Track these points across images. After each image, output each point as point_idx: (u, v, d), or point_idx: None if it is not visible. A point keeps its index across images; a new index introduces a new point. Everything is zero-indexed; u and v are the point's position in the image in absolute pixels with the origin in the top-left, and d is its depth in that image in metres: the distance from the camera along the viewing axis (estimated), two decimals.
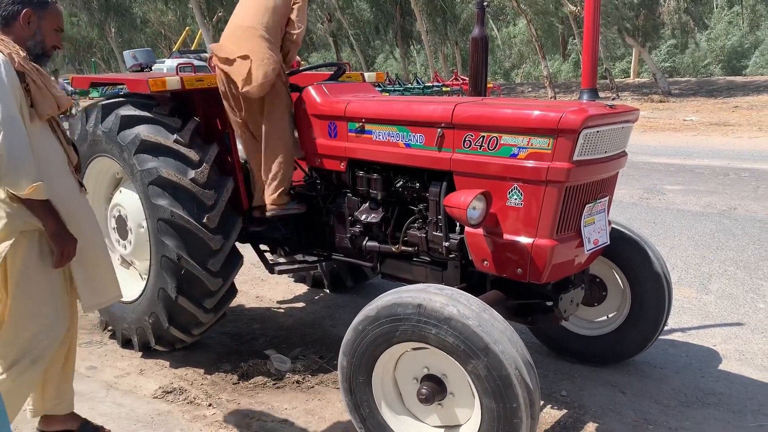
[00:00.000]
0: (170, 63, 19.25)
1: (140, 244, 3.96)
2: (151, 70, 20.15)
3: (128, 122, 3.77)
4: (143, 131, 3.70)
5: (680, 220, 7.16)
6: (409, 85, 24.00)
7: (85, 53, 52.76)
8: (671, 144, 13.12)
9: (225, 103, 3.72)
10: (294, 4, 3.63)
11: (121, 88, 4.27)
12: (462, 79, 23.02)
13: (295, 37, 3.65)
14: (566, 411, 3.36)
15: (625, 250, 3.57)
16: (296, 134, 3.81)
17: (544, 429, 3.21)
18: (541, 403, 3.38)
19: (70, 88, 13.87)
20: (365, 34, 38.97)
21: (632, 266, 3.58)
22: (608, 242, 3.18)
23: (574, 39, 32.26)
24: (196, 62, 18.41)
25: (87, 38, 51.08)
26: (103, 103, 3.99)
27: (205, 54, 21.22)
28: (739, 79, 28.28)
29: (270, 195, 3.73)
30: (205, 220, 3.58)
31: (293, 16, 3.63)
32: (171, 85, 3.76)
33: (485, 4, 3.73)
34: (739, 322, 4.47)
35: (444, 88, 22.82)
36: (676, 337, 4.25)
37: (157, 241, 3.63)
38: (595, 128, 2.76)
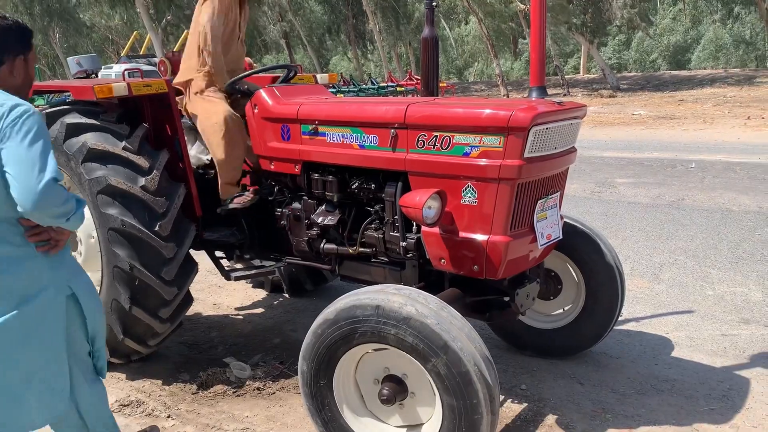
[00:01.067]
0: (118, 68, 18.84)
1: (91, 255, 3.86)
2: (96, 76, 19.67)
3: (74, 130, 3.67)
4: (90, 139, 3.60)
5: (631, 212, 7.35)
6: (364, 86, 24.05)
7: None
8: (621, 138, 13.45)
9: None
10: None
11: (67, 96, 4.15)
12: (416, 78, 23.18)
13: (198, 37, 3.78)
14: (526, 405, 3.41)
15: (578, 243, 3.64)
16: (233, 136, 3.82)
17: (506, 423, 3.24)
18: (502, 397, 3.43)
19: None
20: (318, 35, 38.88)
21: (586, 259, 3.65)
22: (561, 236, 3.24)
23: (525, 39, 32.78)
24: (145, 67, 18.07)
25: None
26: (48, 111, 3.87)
27: (155, 58, 20.84)
28: (683, 73, 29.20)
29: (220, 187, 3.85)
30: (157, 228, 3.50)
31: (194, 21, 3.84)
32: (117, 92, 3.67)
33: (434, 4, 3.75)
34: (689, 309, 4.61)
35: (398, 88, 22.93)
36: (630, 326, 4.35)
37: (108, 251, 3.54)
38: (544, 125, 2.80)
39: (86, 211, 3.76)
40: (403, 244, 3.14)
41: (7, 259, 2.15)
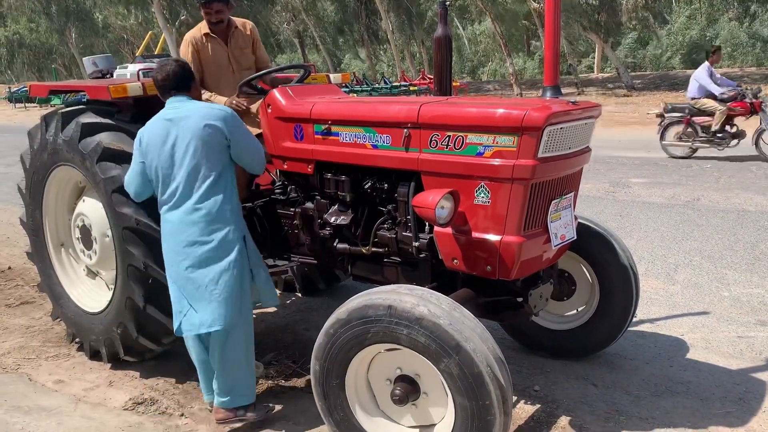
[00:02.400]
0: (133, 68, 18.92)
1: (105, 253, 3.89)
2: (111, 76, 19.85)
3: (89, 130, 3.70)
4: (105, 139, 3.63)
5: (646, 212, 7.29)
6: (377, 85, 24.06)
7: (45, 60, 51.75)
8: (635, 137, 13.36)
9: None
10: None
11: (83, 95, 4.18)
12: (429, 77, 23.11)
13: None
14: (539, 406, 3.39)
15: (592, 244, 3.62)
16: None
17: (518, 424, 3.23)
18: (515, 398, 3.41)
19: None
20: (331, 35, 38.93)
21: (600, 260, 3.63)
22: (575, 237, 3.22)
23: (539, 38, 32.62)
24: None
25: (46, 44, 50.13)
26: (63, 111, 3.91)
27: (169, 58, 20.86)
28: None
29: None
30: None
31: None
32: (132, 91, 3.70)
33: (447, 3, 3.74)
34: (704, 311, 4.57)
35: (411, 88, 22.90)
36: (644, 328, 4.32)
37: (123, 250, 3.57)
38: (558, 125, 2.79)
39: (101, 209, 3.80)
40: (416, 244, 3.13)
41: (223, 207, 3.19)
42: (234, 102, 3.84)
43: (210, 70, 4.04)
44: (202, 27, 4.03)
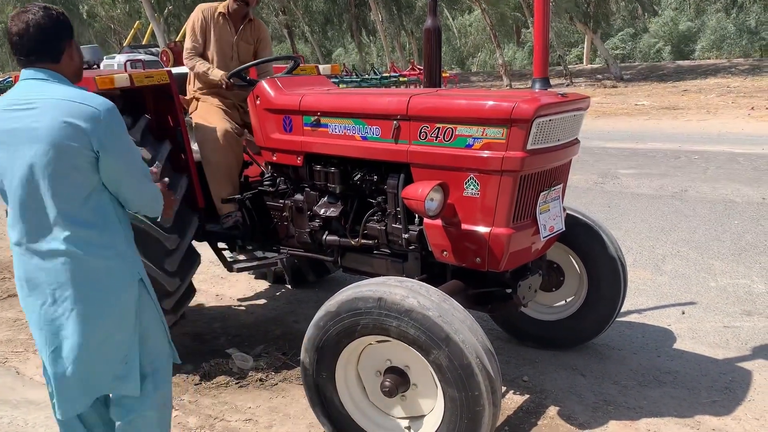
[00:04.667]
0: (121, 58, 18.79)
1: None
2: (98, 67, 19.66)
3: None
4: None
5: (634, 203, 7.33)
6: (367, 76, 23.97)
7: None
8: (624, 128, 13.40)
9: None
10: None
11: None
12: (419, 68, 23.03)
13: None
14: (528, 396, 3.42)
15: (580, 235, 3.64)
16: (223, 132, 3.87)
17: (507, 415, 3.25)
18: (504, 389, 3.43)
19: None
20: (320, 26, 38.72)
21: (588, 251, 3.65)
22: (564, 228, 3.23)
23: (528, 29, 32.61)
24: (146, 57, 18.00)
25: None
26: None
27: (156, 48, 20.75)
28: (687, 63, 29.00)
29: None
30: (159, 220, 3.50)
31: None
32: (119, 83, 3.66)
33: None
34: (691, 301, 4.60)
35: (401, 78, 22.85)
36: (632, 318, 4.35)
37: None
38: (547, 117, 2.79)
39: None
40: (406, 236, 3.14)
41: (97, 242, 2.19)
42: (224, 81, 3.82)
43: (209, 48, 4.05)
44: (220, 6, 4.03)
